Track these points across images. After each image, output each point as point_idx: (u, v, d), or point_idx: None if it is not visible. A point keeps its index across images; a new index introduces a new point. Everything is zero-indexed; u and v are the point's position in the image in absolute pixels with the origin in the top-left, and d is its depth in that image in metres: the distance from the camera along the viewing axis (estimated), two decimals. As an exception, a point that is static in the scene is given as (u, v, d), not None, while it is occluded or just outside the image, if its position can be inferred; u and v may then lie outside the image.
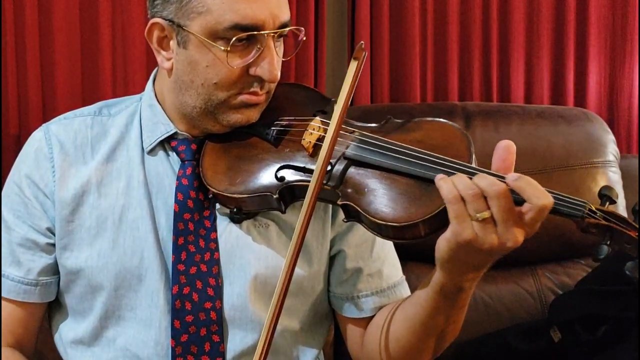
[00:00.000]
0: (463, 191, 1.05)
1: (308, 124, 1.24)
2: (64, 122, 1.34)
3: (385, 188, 1.15)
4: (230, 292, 1.26)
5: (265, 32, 1.19)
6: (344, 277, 1.34)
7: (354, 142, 1.19)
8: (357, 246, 1.32)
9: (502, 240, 1.05)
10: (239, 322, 1.27)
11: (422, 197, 1.12)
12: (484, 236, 1.04)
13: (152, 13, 1.24)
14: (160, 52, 1.25)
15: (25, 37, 2.02)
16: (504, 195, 1.03)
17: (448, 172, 1.10)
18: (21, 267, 1.30)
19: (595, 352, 1.66)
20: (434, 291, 1.16)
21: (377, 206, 1.14)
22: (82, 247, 1.28)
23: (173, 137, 1.29)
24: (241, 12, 1.17)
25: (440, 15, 2.36)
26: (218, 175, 1.24)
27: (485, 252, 1.06)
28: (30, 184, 1.29)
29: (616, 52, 2.43)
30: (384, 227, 1.13)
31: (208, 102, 1.22)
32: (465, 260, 1.09)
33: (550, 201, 1.04)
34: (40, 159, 1.30)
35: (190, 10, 1.18)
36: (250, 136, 1.27)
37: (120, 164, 1.30)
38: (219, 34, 1.18)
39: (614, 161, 2.04)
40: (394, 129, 1.23)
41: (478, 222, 1.04)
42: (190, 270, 1.25)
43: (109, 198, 1.28)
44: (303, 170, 1.21)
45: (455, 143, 1.18)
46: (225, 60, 1.19)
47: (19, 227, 1.30)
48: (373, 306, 1.33)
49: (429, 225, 1.11)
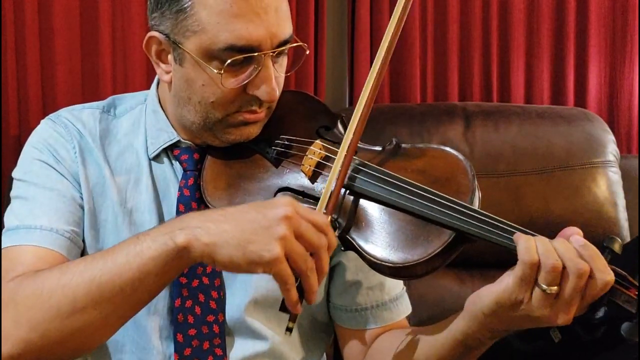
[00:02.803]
0: (544, 258, 0.98)
1: (308, 148, 1.21)
2: (74, 113, 1.32)
3: (382, 223, 1.12)
4: (232, 304, 1.25)
5: (262, 53, 1.15)
6: (344, 289, 1.32)
7: (354, 172, 1.15)
8: (357, 259, 1.26)
9: (555, 316, 1.00)
10: (239, 332, 1.25)
11: (420, 236, 1.09)
12: (539, 307, 0.99)
13: (150, 25, 1.21)
14: (160, 65, 1.23)
15: (25, 37, 2.01)
16: (585, 275, 0.96)
17: (446, 212, 1.06)
18: (70, 222, 1.22)
19: (596, 353, 1.66)
20: (455, 339, 1.12)
21: (373, 243, 1.11)
22: (99, 237, 1.25)
23: (176, 145, 1.27)
24: (236, 32, 1.12)
25: (440, 15, 2.36)
26: (218, 191, 1.22)
27: (530, 319, 1.01)
28: (57, 159, 1.25)
29: (616, 52, 2.43)
30: (379, 265, 1.10)
31: (206, 119, 1.20)
32: (504, 320, 1.04)
33: (612, 277, 0.98)
34: (60, 141, 1.27)
35: (185, 28, 1.15)
36: (252, 152, 1.25)
37: (129, 165, 1.28)
38: (213, 55, 1.14)
39: (614, 161, 2.04)
40: (398, 155, 1.19)
41: (541, 292, 0.98)
42: (192, 283, 1.23)
43: (121, 196, 1.26)
44: (302, 194, 1.19)
45: (457, 176, 1.13)
46: (219, 82, 1.15)
47: (58, 186, 1.23)
48: (373, 319, 1.31)
49: (425, 266, 1.08)
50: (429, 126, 2.06)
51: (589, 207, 1.99)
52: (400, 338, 1.25)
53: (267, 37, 1.14)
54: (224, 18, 1.13)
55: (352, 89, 2.35)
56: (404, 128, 2.05)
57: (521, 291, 0.99)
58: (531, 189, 1.99)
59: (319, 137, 1.24)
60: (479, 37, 2.38)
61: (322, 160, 1.19)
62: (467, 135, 2.04)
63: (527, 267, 0.99)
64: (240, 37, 1.13)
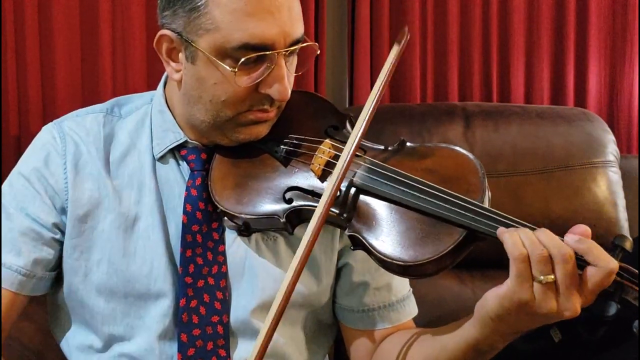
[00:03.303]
0: (531, 250, 0.99)
1: (318, 147, 1.21)
2: (77, 120, 1.31)
3: (393, 222, 1.12)
4: (237, 306, 1.25)
5: (275, 52, 1.15)
6: (351, 290, 1.32)
7: (364, 171, 1.16)
8: (364, 260, 1.28)
9: (561, 308, 1.00)
10: (244, 333, 1.25)
11: (430, 235, 1.09)
12: (543, 301, 0.99)
13: (161, 23, 1.21)
14: (170, 64, 1.22)
15: (25, 37, 2.02)
16: (571, 259, 0.98)
17: (456, 210, 1.06)
18: (21, 257, 1.24)
19: (596, 353, 1.66)
20: (467, 344, 1.11)
21: (383, 242, 1.11)
22: (93, 249, 1.26)
23: (183, 145, 1.27)
24: (250, 31, 1.12)
25: (440, 15, 2.36)
26: (226, 190, 1.22)
27: (539, 317, 1.02)
28: (40, 177, 1.26)
29: (616, 52, 2.43)
30: (389, 263, 1.10)
31: (217, 118, 1.20)
32: (513, 322, 1.04)
33: (616, 265, 0.99)
34: (52, 155, 1.27)
35: (198, 26, 1.15)
36: (260, 152, 1.25)
37: (132, 169, 1.27)
38: (227, 53, 1.14)
39: (614, 161, 2.04)
40: (407, 154, 1.19)
41: (540, 285, 0.99)
42: (197, 283, 1.23)
43: (123, 204, 1.26)
44: (311, 193, 1.19)
45: (467, 176, 1.13)
46: (233, 80, 1.15)
47: (23, 217, 1.25)
48: (380, 320, 1.31)
49: (435, 265, 1.08)
50: (429, 126, 2.06)
51: (589, 207, 1.99)
52: (408, 339, 1.25)
53: (280, 35, 1.14)
54: (238, 16, 1.13)
55: (352, 89, 2.35)
56: (404, 128, 2.05)
57: (522, 289, 1.00)
58: (531, 189, 1.99)
59: (328, 137, 1.24)
60: (479, 37, 2.38)
61: (331, 159, 1.19)
62: (467, 135, 2.04)
63: (518, 261, 0.99)
64: (254, 35, 1.13)
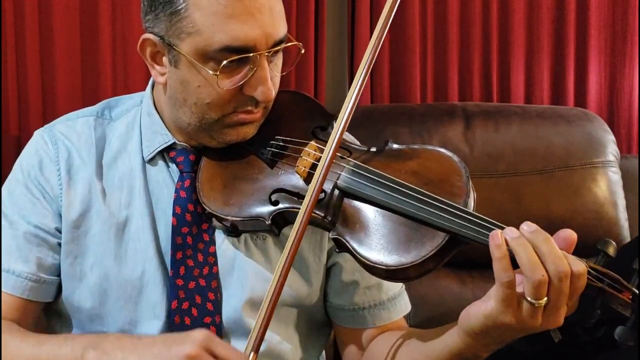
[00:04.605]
0: (530, 273, 0.95)
1: (303, 149, 1.20)
2: (68, 124, 1.31)
3: (377, 225, 1.11)
4: (228, 306, 1.24)
5: (257, 54, 1.14)
6: (341, 290, 1.31)
7: (348, 173, 1.14)
8: (354, 259, 1.27)
9: (545, 323, 0.98)
10: (236, 333, 1.25)
11: (414, 238, 1.07)
12: (529, 320, 0.97)
13: (144, 27, 1.21)
14: (154, 67, 1.22)
15: (25, 37, 2.02)
16: (566, 278, 0.94)
17: (439, 214, 1.05)
18: (29, 263, 1.24)
19: (596, 353, 1.66)
20: (451, 353, 1.10)
21: (367, 246, 1.10)
22: (86, 254, 1.26)
23: (172, 147, 1.27)
24: (231, 33, 1.12)
25: (440, 15, 2.37)
26: (213, 192, 1.22)
27: (523, 332, 1.00)
28: (37, 184, 1.27)
29: (616, 53, 2.43)
30: (373, 267, 1.09)
31: (202, 120, 1.20)
32: (497, 336, 1.03)
33: (583, 267, 0.96)
34: (45, 161, 1.28)
35: (180, 29, 1.14)
36: (248, 153, 1.24)
37: (122, 172, 1.28)
38: (209, 56, 1.14)
39: (614, 161, 2.04)
40: (392, 156, 1.18)
41: (531, 306, 0.96)
42: (188, 285, 1.23)
43: (112, 207, 1.26)
44: (297, 195, 1.17)
45: (452, 178, 1.11)
46: (215, 83, 1.15)
47: (27, 223, 1.25)
48: (371, 318, 1.31)
49: (418, 269, 1.07)
50: (429, 126, 2.06)
51: (589, 207, 1.99)
52: (397, 341, 1.24)
53: (262, 37, 1.14)
54: (219, 19, 1.12)
55: (352, 89, 2.35)
56: (404, 128, 2.05)
57: (507, 312, 0.97)
58: (531, 189, 2.00)
59: (314, 138, 1.23)
60: (479, 37, 2.39)
61: (316, 161, 1.18)
62: (467, 135, 2.04)
63: (504, 287, 0.97)
64: (236, 37, 1.12)
